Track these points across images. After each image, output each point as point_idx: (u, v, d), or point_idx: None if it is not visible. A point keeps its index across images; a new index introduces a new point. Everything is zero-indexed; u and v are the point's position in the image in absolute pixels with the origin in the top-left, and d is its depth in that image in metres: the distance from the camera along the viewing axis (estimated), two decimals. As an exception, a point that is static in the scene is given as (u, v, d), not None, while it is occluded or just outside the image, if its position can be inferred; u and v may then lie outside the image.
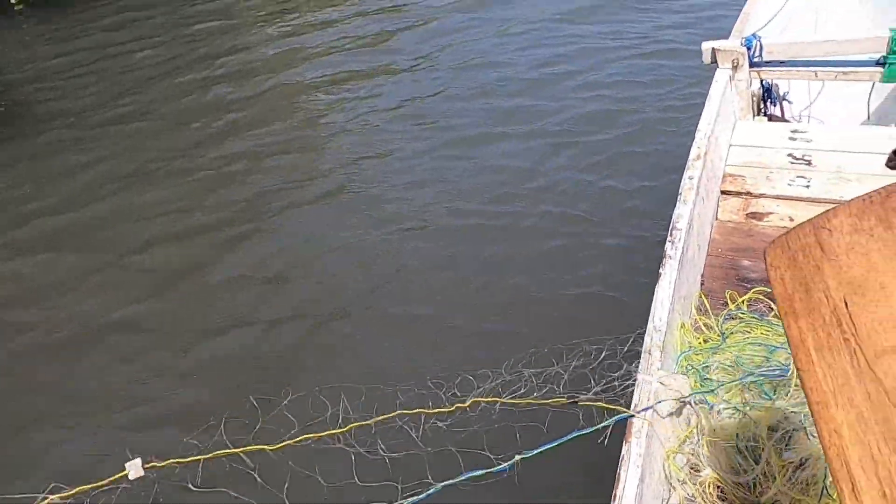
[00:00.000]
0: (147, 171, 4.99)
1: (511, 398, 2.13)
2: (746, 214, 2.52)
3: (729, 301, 2.14)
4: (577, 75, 5.42)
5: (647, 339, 1.83)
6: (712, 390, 1.82)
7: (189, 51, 7.22)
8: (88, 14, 8.72)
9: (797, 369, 0.85)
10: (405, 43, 6.62)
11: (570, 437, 1.71)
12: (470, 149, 4.67)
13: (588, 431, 1.73)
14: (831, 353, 0.83)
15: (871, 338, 0.80)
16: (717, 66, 2.92)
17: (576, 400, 2.00)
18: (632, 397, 1.72)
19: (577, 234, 3.72)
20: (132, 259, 4.07)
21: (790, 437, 1.65)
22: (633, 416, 1.65)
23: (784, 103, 3.36)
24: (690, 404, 1.75)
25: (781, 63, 2.92)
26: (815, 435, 1.61)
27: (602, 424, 1.74)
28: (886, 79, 2.74)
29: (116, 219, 4.48)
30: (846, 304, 0.84)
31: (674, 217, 2.18)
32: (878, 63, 2.74)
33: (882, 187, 0.84)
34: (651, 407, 1.67)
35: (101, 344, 3.48)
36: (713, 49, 2.90)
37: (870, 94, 3.19)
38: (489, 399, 2.15)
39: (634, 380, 1.77)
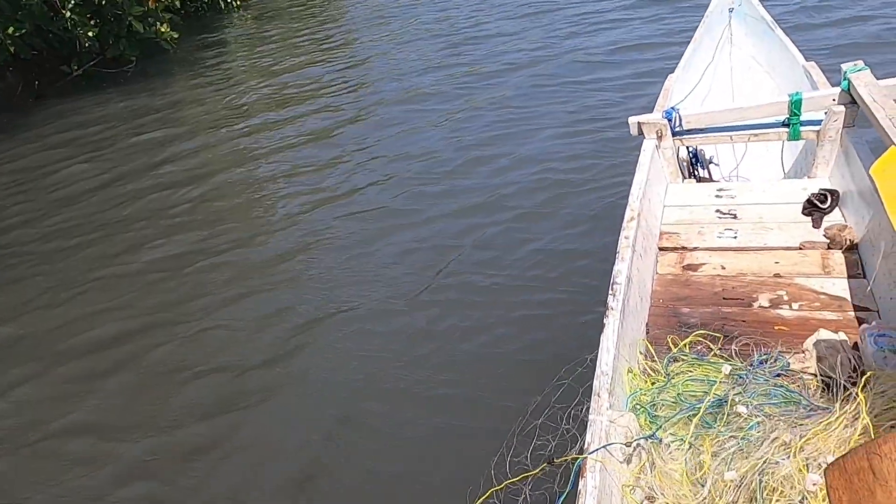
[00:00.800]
0: (82, 282, 5.04)
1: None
2: (683, 267, 2.74)
3: (671, 345, 2.32)
4: (512, 155, 5.72)
5: (595, 382, 1.99)
6: (660, 426, 1.98)
7: (132, 161, 7.38)
8: (30, 135, 8.88)
9: None
10: (346, 139, 6.92)
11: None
12: (413, 232, 4.86)
13: (568, 490, 1.78)
14: None
15: None
16: (644, 137, 3.22)
17: (552, 460, 2.10)
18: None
19: (529, 301, 3.88)
20: (67, 367, 4.10)
21: (731, 458, 1.80)
22: (586, 455, 1.79)
23: (711, 166, 3.67)
24: (640, 441, 1.90)
25: (701, 131, 3.23)
26: (752, 454, 1.78)
27: (573, 474, 1.84)
28: (792, 137, 3.05)
29: (48, 330, 4.51)
30: None
31: (613, 273, 2.39)
32: (783, 124, 3.06)
33: None
34: (604, 446, 1.81)
35: (42, 452, 3.48)
36: (638, 122, 3.21)
37: (782, 153, 3.52)
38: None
39: (586, 421, 1.91)
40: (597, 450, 1.79)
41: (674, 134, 3.20)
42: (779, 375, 2.11)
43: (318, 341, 3.92)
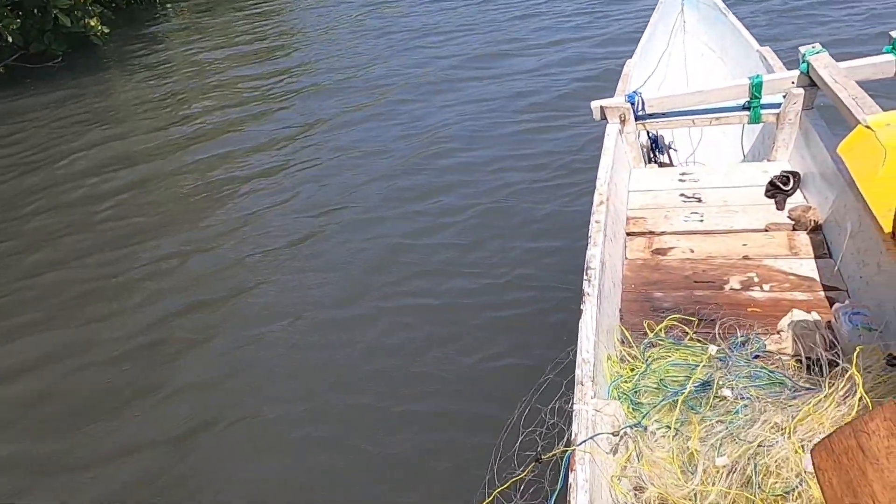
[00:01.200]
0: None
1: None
2: (652, 251, 2.71)
3: (647, 330, 2.27)
4: (459, 147, 5.62)
5: (577, 371, 1.91)
6: (645, 414, 1.92)
7: (53, 156, 6.98)
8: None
9: None
10: (281, 133, 6.67)
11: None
12: (363, 230, 4.66)
13: (559, 487, 1.71)
14: None
15: None
16: (607, 122, 3.18)
17: (539, 458, 2.00)
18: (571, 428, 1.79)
19: (494, 296, 3.79)
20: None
21: (720, 444, 1.75)
22: (574, 448, 1.71)
23: (671, 151, 3.67)
24: (626, 431, 1.84)
25: (663, 115, 3.21)
26: (742, 437, 1.73)
27: (563, 471, 1.73)
28: (752, 120, 3.07)
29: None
30: None
31: (587, 258, 2.33)
32: (743, 108, 3.07)
33: None
34: (591, 437, 1.74)
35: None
36: (601, 106, 3.17)
37: (741, 136, 3.54)
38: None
39: (571, 411, 1.84)
40: (584, 441, 1.71)
41: (636, 118, 3.17)
42: (756, 357, 2.09)
43: (267, 347, 3.70)
